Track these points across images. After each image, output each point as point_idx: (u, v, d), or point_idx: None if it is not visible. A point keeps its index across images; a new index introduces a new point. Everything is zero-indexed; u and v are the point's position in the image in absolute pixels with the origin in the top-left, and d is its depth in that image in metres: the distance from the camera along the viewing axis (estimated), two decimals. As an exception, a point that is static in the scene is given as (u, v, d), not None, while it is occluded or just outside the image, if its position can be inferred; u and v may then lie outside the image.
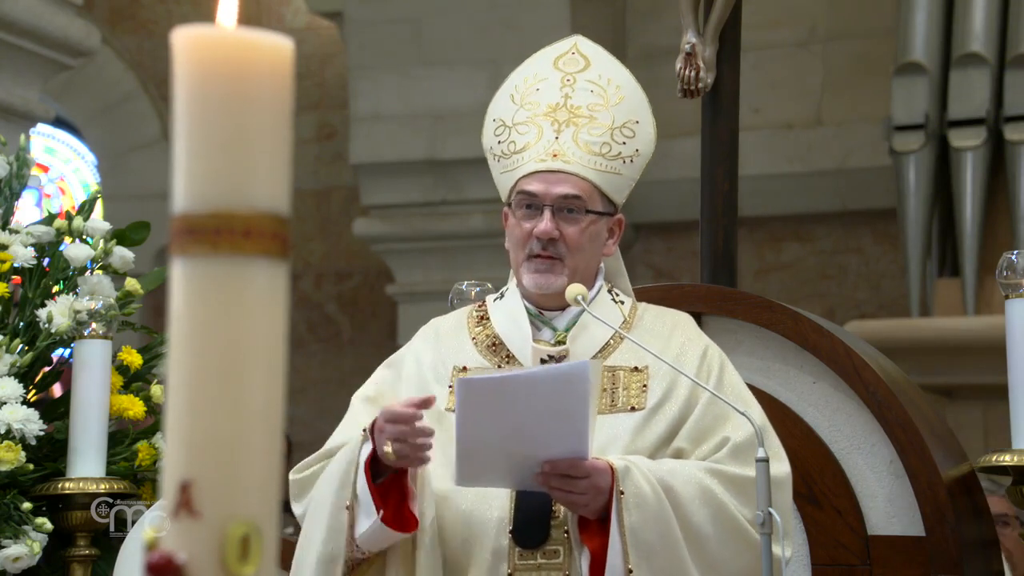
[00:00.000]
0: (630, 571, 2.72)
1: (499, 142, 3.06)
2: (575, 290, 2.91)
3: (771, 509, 2.62)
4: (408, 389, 2.97)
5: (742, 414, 2.82)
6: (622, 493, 2.74)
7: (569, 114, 3.02)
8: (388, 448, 2.72)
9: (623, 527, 2.73)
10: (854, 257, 8.23)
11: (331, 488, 2.83)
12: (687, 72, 3.71)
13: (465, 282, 3.77)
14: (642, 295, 3.34)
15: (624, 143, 3.03)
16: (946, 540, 3.34)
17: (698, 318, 3.58)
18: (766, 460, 2.65)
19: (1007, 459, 3.38)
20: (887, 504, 3.45)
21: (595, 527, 2.78)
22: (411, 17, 8.11)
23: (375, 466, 2.80)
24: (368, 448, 2.79)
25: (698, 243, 3.81)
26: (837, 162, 8.00)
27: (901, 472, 3.42)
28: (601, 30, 7.97)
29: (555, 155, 2.98)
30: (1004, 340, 3.41)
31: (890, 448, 3.44)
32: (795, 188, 8.02)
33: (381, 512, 2.77)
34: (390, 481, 2.80)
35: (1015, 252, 3.43)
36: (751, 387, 3.51)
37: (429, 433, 2.73)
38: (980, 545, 3.50)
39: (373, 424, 2.79)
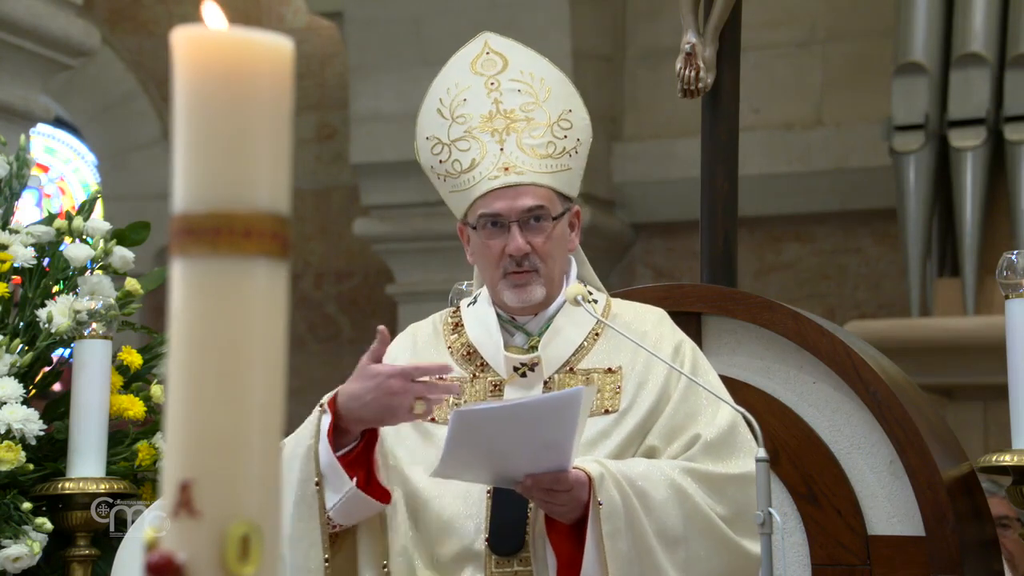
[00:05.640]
0: None
1: (440, 161, 3.00)
2: (575, 290, 2.90)
3: (771, 509, 2.61)
4: None
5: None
6: (600, 504, 2.74)
7: (506, 120, 2.98)
8: (418, 408, 2.73)
9: (600, 537, 2.73)
10: (854, 257, 8.22)
11: (292, 467, 2.79)
12: (687, 72, 3.71)
13: (465, 282, 3.76)
14: (642, 295, 3.34)
15: (565, 136, 3.00)
16: (946, 540, 3.34)
17: (698, 318, 3.58)
18: (767, 460, 2.65)
19: (1007, 459, 3.38)
20: (887, 504, 3.45)
21: (565, 529, 2.79)
22: (411, 17, 8.11)
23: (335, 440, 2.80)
24: (328, 421, 2.78)
25: (698, 243, 3.80)
26: (837, 162, 7.99)
27: (901, 472, 3.42)
28: (601, 30, 7.96)
29: (506, 168, 2.94)
30: (1004, 340, 3.41)
31: (890, 448, 3.44)
32: (795, 188, 8.02)
33: (355, 479, 2.77)
34: (354, 456, 2.80)
35: (1015, 252, 3.43)
36: (751, 387, 3.52)
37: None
38: (980, 545, 3.50)
39: (334, 398, 2.79)
